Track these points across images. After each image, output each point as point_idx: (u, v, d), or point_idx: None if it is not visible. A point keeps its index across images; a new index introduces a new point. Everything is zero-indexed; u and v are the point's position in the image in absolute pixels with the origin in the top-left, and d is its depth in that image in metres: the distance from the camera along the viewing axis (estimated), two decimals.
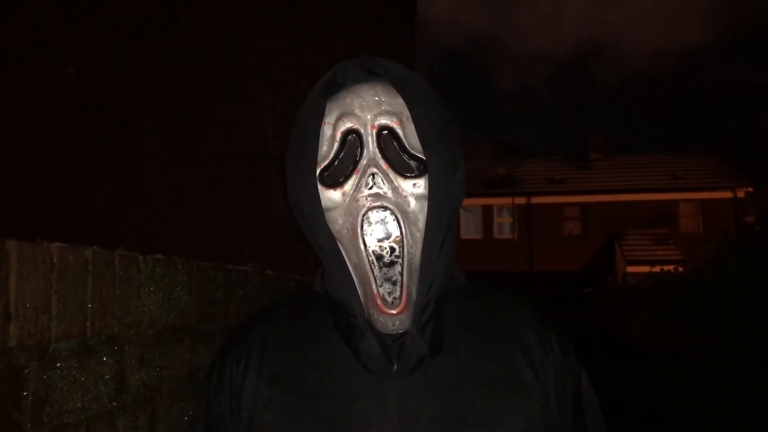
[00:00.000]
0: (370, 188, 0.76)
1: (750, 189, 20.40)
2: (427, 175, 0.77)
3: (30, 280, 1.03)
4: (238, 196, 2.38)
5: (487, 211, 22.70)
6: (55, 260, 1.09)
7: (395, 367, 0.77)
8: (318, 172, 0.79)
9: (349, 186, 0.78)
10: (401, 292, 0.75)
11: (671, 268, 7.73)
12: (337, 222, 0.78)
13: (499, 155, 24.41)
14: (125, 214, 1.60)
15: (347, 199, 0.78)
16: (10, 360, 0.98)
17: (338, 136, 0.78)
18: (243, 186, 2.43)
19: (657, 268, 8.33)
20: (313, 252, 0.84)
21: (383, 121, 0.78)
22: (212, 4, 2.21)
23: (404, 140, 0.78)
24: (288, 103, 2.77)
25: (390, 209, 0.76)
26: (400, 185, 0.77)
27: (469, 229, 22.51)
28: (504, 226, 23.05)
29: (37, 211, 1.28)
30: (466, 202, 0.86)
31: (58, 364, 1.10)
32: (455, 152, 0.81)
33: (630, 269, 18.24)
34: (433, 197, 0.77)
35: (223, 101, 2.27)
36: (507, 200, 22.61)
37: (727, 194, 21.01)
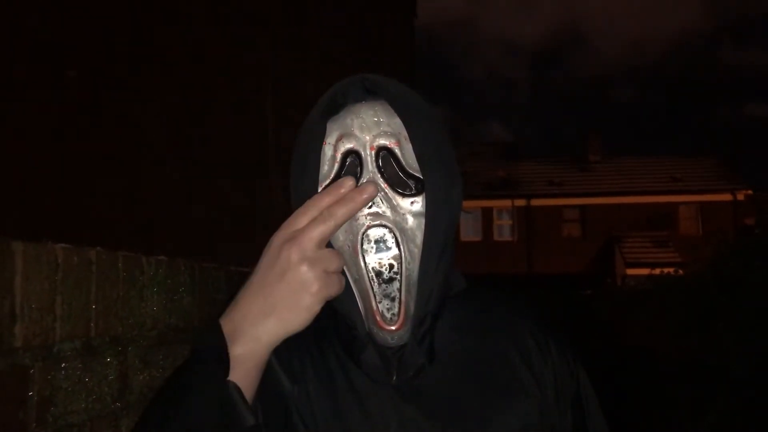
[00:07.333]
0: (370, 207, 0.78)
1: (749, 191, 20.44)
2: (424, 193, 0.79)
3: (35, 281, 1.03)
4: (239, 201, 2.39)
5: (486, 213, 22.72)
6: (59, 261, 1.10)
7: (395, 377, 0.79)
8: (320, 191, 0.80)
9: None
10: (399, 308, 0.77)
11: (671, 270, 7.74)
12: (338, 239, 0.80)
13: (499, 157, 24.42)
14: (129, 217, 1.61)
15: None
16: (15, 360, 0.99)
17: (338, 156, 0.81)
18: (245, 192, 2.44)
19: (656, 271, 8.34)
20: None
21: (382, 141, 0.79)
22: (212, 9, 2.22)
23: (402, 160, 0.80)
24: (289, 108, 2.78)
25: (389, 227, 0.78)
26: (398, 203, 0.79)
27: (469, 231, 22.52)
28: (503, 228, 23.07)
29: (41, 212, 1.28)
30: (466, 204, 0.88)
31: (63, 365, 1.10)
32: (452, 170, 0.83)
33: (629, 271, 18.25)
34: (430, 214, 0.79)
35: (225, 108, 2.28)
36: (506, 202, 22.63)
37: (726, 197, 21.04)
